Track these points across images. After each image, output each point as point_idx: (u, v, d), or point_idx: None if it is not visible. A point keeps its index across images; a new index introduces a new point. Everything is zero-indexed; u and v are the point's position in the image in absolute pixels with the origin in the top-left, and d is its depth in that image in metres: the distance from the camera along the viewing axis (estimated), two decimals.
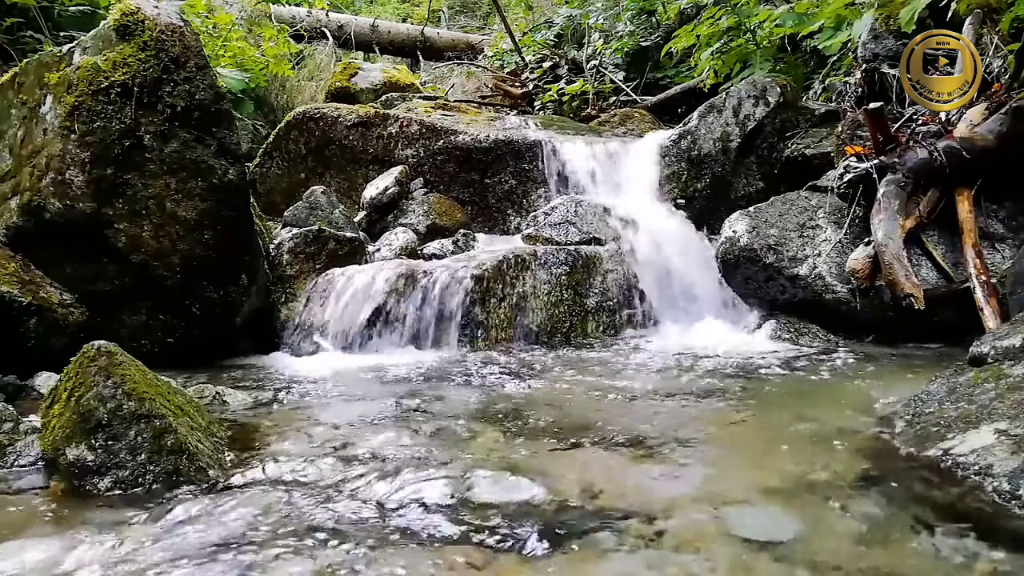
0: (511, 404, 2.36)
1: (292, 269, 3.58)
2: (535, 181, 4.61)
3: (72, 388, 1.74)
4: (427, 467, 1.73)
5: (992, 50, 3.38)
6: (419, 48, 9.68)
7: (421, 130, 4.78)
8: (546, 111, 6.66)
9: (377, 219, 4.46)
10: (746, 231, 3.45)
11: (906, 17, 3.24)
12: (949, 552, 1.27)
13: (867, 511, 1.43)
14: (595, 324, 3.53)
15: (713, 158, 4.35)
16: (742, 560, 1.27)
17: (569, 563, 1.29)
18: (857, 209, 3.35)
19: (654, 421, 2.12)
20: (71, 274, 2.89)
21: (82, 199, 2.81)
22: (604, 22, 7.48)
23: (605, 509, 1.48)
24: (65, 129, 2.80)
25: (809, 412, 2.20)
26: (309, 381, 2.77)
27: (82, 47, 2.90)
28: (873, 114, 3.22)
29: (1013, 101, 3.04)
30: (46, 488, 1.69)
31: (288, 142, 4.96)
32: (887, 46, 3.92)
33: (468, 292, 3.34)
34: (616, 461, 1.81)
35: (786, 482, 1.58)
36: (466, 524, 1.44)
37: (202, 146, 2.93)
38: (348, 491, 1.61)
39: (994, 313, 2.72)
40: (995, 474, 1.46)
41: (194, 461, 1.72)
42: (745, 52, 4.98)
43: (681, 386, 2.55)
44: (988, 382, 1.85)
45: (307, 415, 2.30)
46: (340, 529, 1.43)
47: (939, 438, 1.68)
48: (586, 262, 3.62)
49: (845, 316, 3.20)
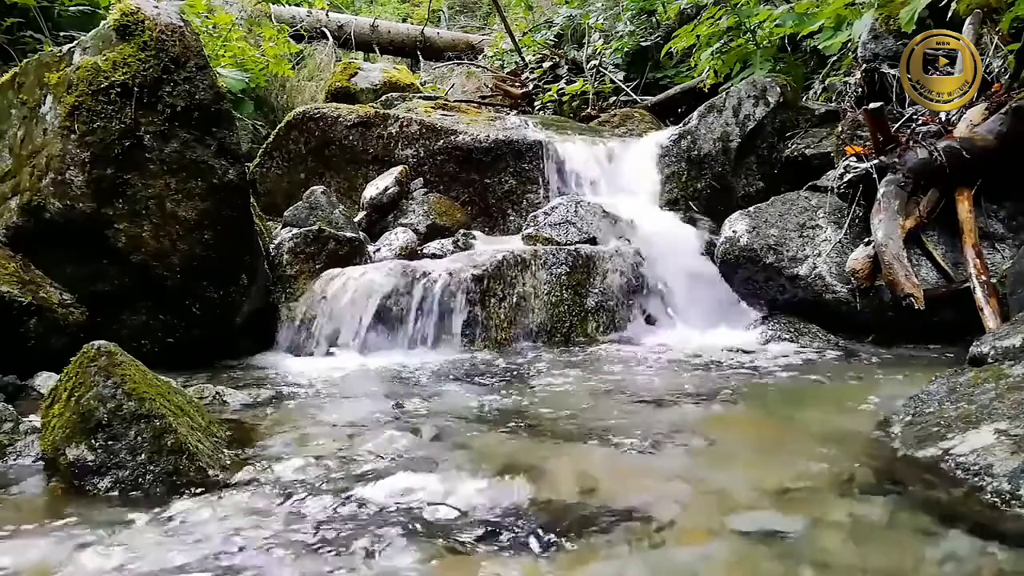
0: (511, 404, 2.36)
1: (292, 269, 3.57)
2: (535, 181, 4.61)
3: (72, 388, 1.73)
4: (427, 467, 1.73)
5: (992, 50, 3.38)
6: (419, 48, 9.68)
7: (421, 130, 4.78)
8: (546, 111, 6.66)
9: (377, 219, 4.46)
10: (746, 231, 3.45)
11: (906, 17, 3.25)
12: (949, 552, 1.27)
13: (867, 511, 1.43)
14: (595, 324, 3.53)
15: (713, 158, 4.35)
16: (743, 559, 1.27)
17: (570, 562, 1.29)
18: (857, 209, 3.35)
19: (654, 421, 2.12)
20: (71, 274, 2.89)
21: (82, 199, 2.81)
22: (604, 22, 7.48)
23: (605, 508, 1.48)
24: (65, 129, 2.80)
25: (808, 412, 2.20)
26: (309, 381, 2.77)
27: (82, 47, 2.90)
28: (873, 114, 3.23)
29: (1013, 101, 3.04)
30: (46, 488, 1.69)
31: (288, 142, 4.95)
32: (887, 46, 3.92)
33: (468, 292, 3.34)
34: (616, 461, 1.81)
35: (786, 482, 1.58)
36: (466, 524, 1.44)
37: (202, 146, 2.93)
38: (348, 491, 1.61)
39: (994, 313, 2.72)
40: (995, 474, 1.46)
41: (194, 461, 1.72)
42: (745, 52, 4.98)
43: (680, 386, 2.55)
44: (988, 382, 1.85)
45: (307, 415, 2.30)
46: (340, 529, 1.43)
47: (939, 438, 1.68)
48: (586, 262, 3.62)
49: (845, 316, 3.20)
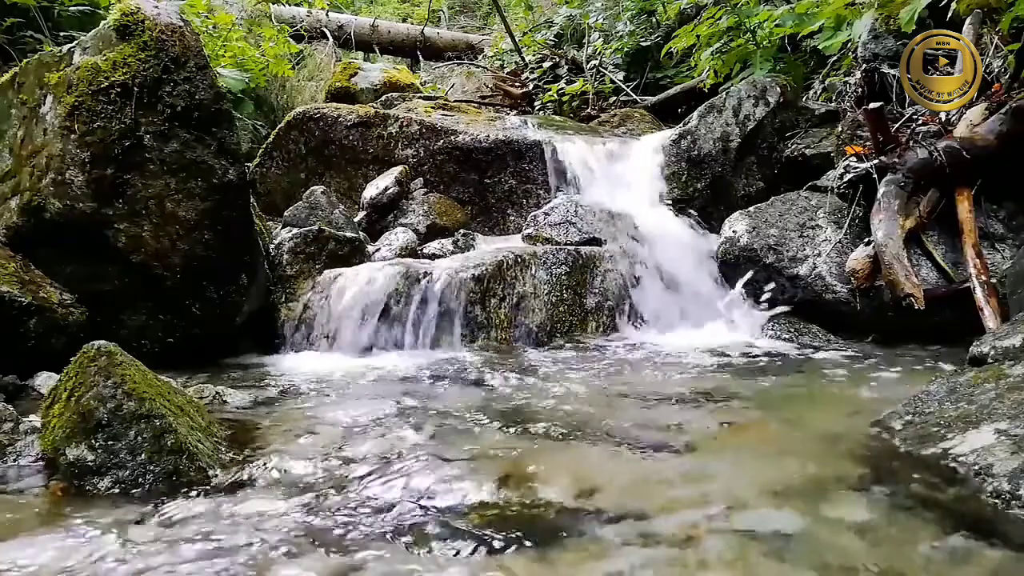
0: (511, 404, 2.36)
1: (292, 269, 3.57)
2: (535, 181, 4.61)
3: (72, 388, 1.74)
4: (426, 467, 1.73)
5: (992, 50, 3.38)
6: (419, 48, 9.68)
7: (421, 130, 4.78)
8: (546, 111, 6.66)
9: (377, 219, 4.46)
10: (746, 231, 3.45)
11: (906, 17, 3.24)
12: (949, 552, 1.27)
13: (867, 511, 1.43)
14: (595, 324, 3.53)
15: (713, 158, 4.35)
16: (743, 558, 1.27)
17: (569, 561, 1.29)
18: (857, 209, 3.35)
19: (654, 420, 2.12)
20: (71, 274, 2.89)
21: (82, 199, 2.81)
22: (604, 22, 7.48)
23: (604, 508, 1.48)
24: (65, 129, 2.80)
25: (808, 412, 2.20)
26: (309, 381, 2.77)
27: (82, 47, 2.90)
28: (873, 114, 3.23)
29: (1013, 101, 3.04)
30: (46, 488, 1.68)
31: (288, 142, 4.95)
32: (887, 46, 3.93)
33: (468, 292, 3.34)
34: (616, 461, 1.81)
35: (786, 481, 1.58)
36: (466, 523, 1.44)
37: (202, 146, 2.93)
38: (348, 491, 1.62)
39: (994, 313, 2.72)
40: (995, 474, 1.46)
41: (194, 461, 1.72)
42: (745, 52, 4.98)
43: (680, 386, 2.55)
44: (988, 382, 1.85)
45: (307, 415, 2.29)
46: (340, 529, 1.43)
47: (939, 438, 1.68)
48: (586, 262, 3.62)
49: (845, 316, 3.20)
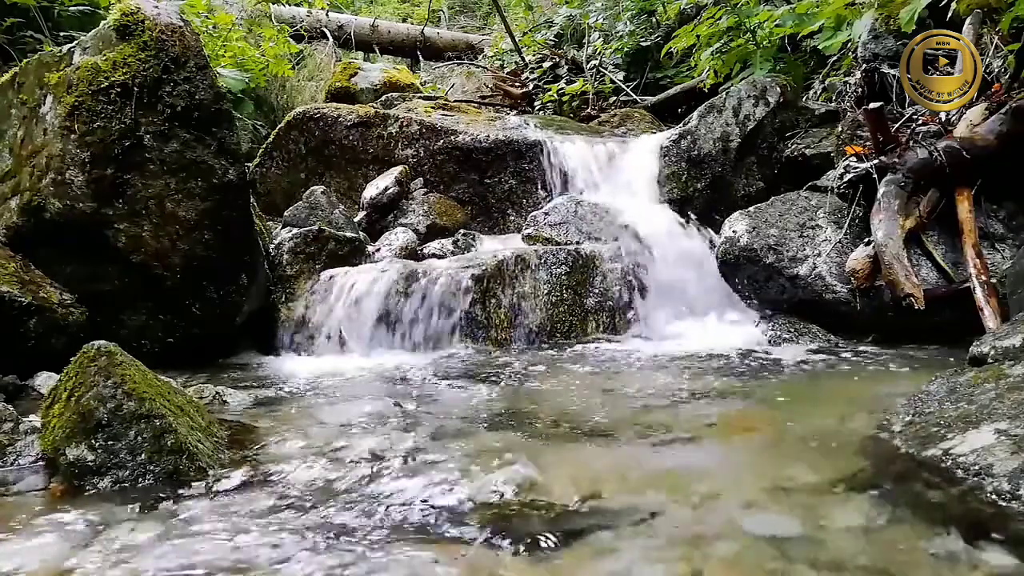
0: (511, 404, 2.36)
1: (292, 269, 3.58)
2: (535, 181, 4.60)
3: (72, 388, 1.74)
4: (426, 467, 1.73)
5: (992, 50, 3.38)
6: (419, 48, 9.68)
7: (421, 130, 4.77)
8: (546, 111, 6.66)
9: (377, 219, 4.46)
10: (746, 231, 3.45)
11: (906, 17, 3.24)
12: (948, 552, 1.27)
13: (867, 511, 1.43)
14: (595, 324, 3.53)
15: (713, 158, 4.35)
16: (743, 558, 1.27)
17: (569, 561, 1.29)
18: (857, 209, 3.35)
19: (654, 420, 2.12)
20: (71, 274, 2.89)
21: (82, 199, 2.82)
22: (604, 22, 7.47)
23: (605, 507, 1.49)
24: (65, 129, 2.80)
25: (808, 412, 2.20)
26: (309, 381, 2.77)
27: (82, 47, 2.90)
28: (873, 114, 3.23)
29: (1013, 101, 3.04)
30: (46, 488, 1.69)
31: (288, 142, 4.95)
32: (887, 46, 3.92)
33: (468, 292, 3.34)
34: (616, 460, 1.82)
35: (786, 481, 1.58)
36: (465, 523, 1.44)
37: (202, 146, 2.93)
38: (347, 490, 1.62)
39: (994, 313, 2.72)
40: (995, 474, 1.46)
41: (194, 461, 1.72)
42: (745, 52, 4.98)
43: (680, 385, 2.55)
44: (988, 382, 1.85)
45: (307, 415, 2.30)
46: (339, 528, 1.43)
47: (939, 438, 1.68)
48: (586, 262, 3.62)
49: (845, 316, 3.20)
